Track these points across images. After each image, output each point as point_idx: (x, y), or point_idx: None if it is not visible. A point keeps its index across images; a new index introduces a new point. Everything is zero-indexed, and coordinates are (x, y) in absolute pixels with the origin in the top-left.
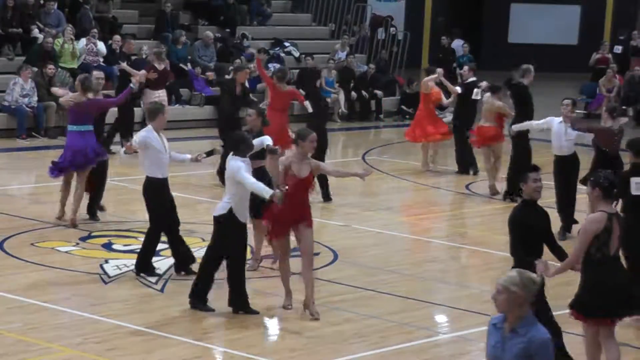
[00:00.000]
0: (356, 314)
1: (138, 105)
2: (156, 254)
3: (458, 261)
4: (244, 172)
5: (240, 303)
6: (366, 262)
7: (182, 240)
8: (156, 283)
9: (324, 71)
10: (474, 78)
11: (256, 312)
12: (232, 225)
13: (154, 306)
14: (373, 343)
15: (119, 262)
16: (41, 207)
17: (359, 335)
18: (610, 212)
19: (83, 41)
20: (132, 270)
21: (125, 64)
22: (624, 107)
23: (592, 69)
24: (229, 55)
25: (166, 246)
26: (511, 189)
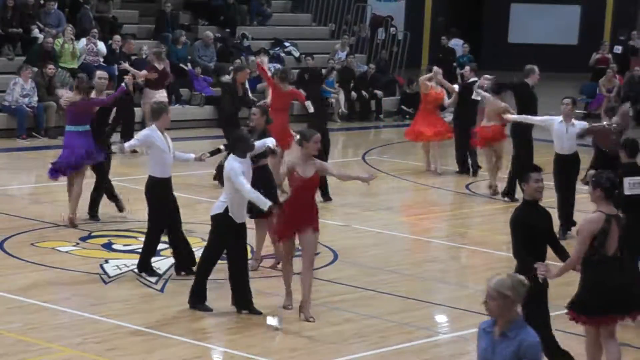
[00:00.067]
0: (356, 314)
1: (138, 105)
2: (156, 253)
3: (458, 261)
4: (242, 179)
5: (244, 303)
6: (366, 262)
7: (186, 240)
8: (156, 283)
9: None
10: (475, 78)
11: (259, 312)
12: (227, 225)
13: (154, 306)
14: (373, 343)
15: (119, 262)
16: (41, 207)
17: (359, 335)
18: (610, 214)
19: (83, 41)
20: (132, 270)
21: (127, 65)
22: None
23: (592, 69)
24: (229, 55)
25: (166, 246)
26: (510, 189)
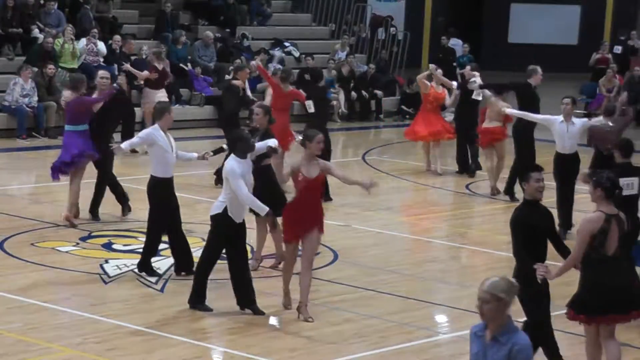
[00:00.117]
0: (356, 314)
1: (138, 105)
2: (156, 253)
3: (458, 261)
4: (239, 182)
5: (246, 302)
6: (366, 262)
7: (186, 241)
8: (156, 283)
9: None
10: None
11: (263, 312)
12: (226, 225)
13: (154, 306)
14: (373, 343)
15: (119, 262)
16: (41, 207)
17: (359, 335)
18: (610, 213)
19: (83, 41)
20: (132, 270)
21: (129, 66)
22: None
23: (592, 69)
24: (229, 55)
25: (166, 246)
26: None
